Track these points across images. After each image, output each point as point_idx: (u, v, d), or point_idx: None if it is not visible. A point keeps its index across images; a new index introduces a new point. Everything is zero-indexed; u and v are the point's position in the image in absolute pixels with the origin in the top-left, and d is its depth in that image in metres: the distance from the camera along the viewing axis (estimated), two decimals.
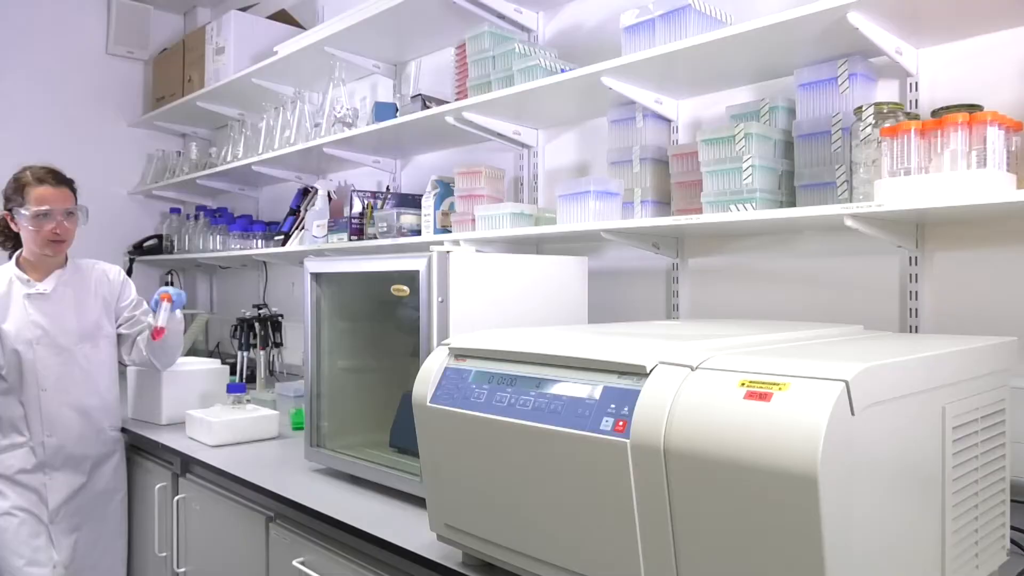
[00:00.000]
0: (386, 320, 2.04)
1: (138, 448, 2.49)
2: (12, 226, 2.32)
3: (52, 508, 2.31)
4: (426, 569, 1.37)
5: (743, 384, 0.90)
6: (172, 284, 4.25)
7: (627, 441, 0.97)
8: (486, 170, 2.35)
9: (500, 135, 2.42)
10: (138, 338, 2.46)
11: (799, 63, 1.76)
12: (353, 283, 2.02)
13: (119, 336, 2.47)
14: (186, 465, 2.23)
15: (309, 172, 3.40)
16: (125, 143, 4.24)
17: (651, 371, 1.00)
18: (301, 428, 2.30)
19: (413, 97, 2.55)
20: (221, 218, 3.85)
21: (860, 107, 1.59)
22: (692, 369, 0.97)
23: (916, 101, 1.67)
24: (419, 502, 1.57)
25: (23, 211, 2.23)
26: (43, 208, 2.23)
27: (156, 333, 2.31)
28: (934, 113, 1.51)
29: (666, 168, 2.00)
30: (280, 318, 3.20)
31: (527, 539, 1.15)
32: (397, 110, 2.65)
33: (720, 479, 0.88)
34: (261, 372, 3.15)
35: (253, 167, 3.25)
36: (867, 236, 1.56)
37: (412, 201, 2.63)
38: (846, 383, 0.83)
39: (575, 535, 1.07)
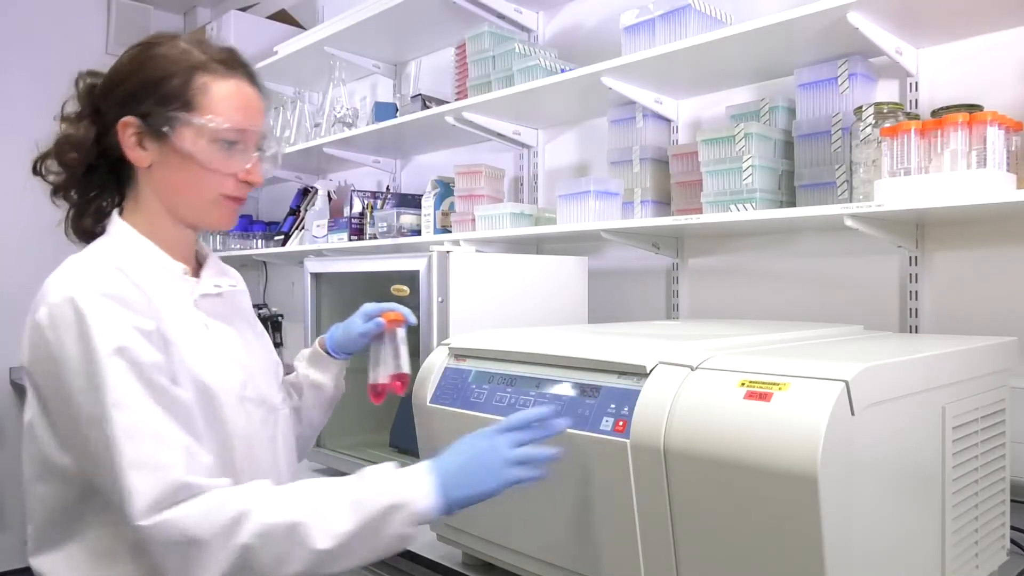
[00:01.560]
0: None
1: None
2: (131, 152, 1.06)
3: None
4: (426, 569, 1.37)
5: (743, 384, 0.90)
6: None
7: (627, 441, 0.97)
8: (486, 170, 2.35)
9: (500, 135, 2.42)
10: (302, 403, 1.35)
11: (799, 63, 1.75)
12: (353, 283, 2.02)
13: None
14: None
15: (309, 172, 3.40)
16: None
17: (651, 371, 1.00)
18: None
19: (413, 97, 2.55)
20: None
21: (860, 107, 1.59)
22: (692, 369, 0.97)
23: (916, 101, 1.67)
24: None
25: (190, 119, 1.04)
26: (239, 126, 1.07)
27: (395, 385, 1.30)
28: (934, 113, 1.51)
29: (666, 168, 2.00)
30: (280, 318, 3.21)
31: (527, 539, 1.15)
32: (397, 110, 2.65)
33: (720, 479, 0.89)
34: None
35: None
36: (867, 236, 1.56)
37: (412, 201, 2.63)
38: (846, 383, 0.84)
39: (575, 535, 1.07)
